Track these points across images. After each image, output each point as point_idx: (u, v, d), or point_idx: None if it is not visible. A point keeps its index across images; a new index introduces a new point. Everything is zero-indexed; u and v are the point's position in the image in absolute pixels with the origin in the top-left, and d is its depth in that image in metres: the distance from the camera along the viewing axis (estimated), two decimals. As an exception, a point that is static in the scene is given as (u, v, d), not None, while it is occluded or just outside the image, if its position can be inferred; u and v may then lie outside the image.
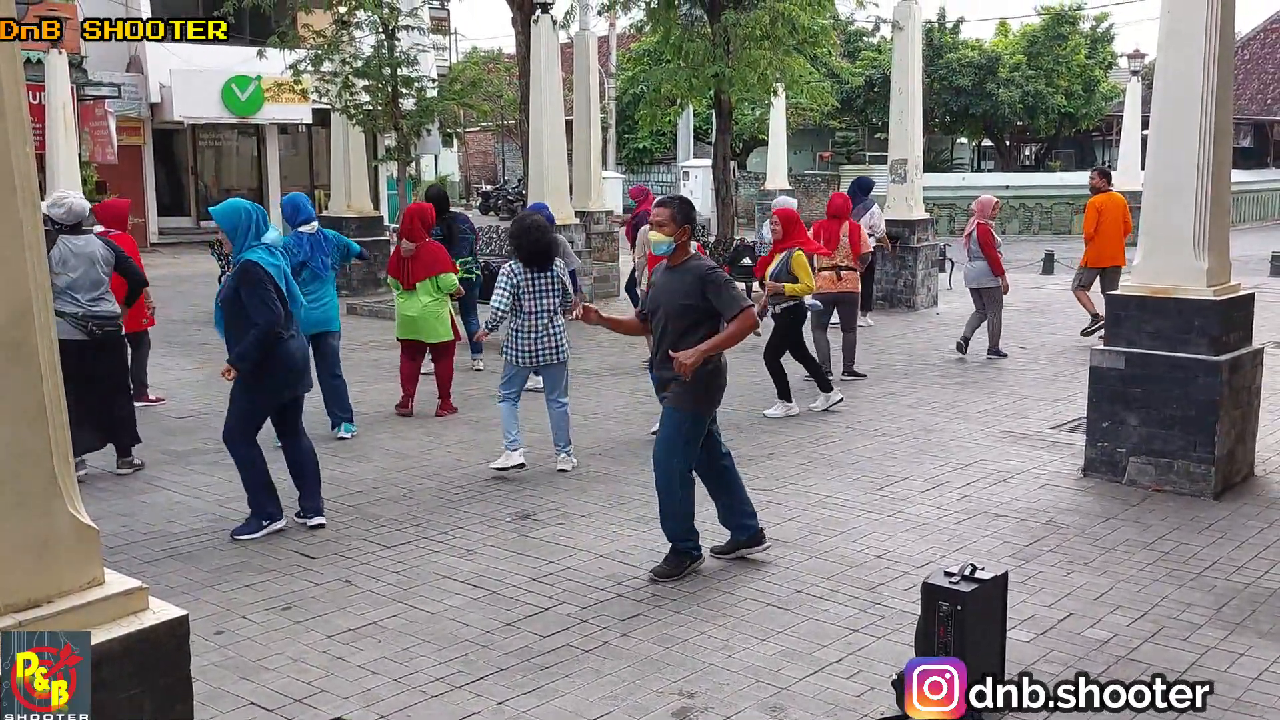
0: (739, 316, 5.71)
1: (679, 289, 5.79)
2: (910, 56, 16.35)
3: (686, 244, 5.88)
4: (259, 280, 6.40)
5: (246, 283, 6.41)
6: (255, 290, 6.38)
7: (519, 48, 17.79)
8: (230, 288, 6.52)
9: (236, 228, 6.54)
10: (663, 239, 5.83)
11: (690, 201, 6.06)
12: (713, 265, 5.91)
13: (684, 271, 5.83)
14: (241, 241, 6.52)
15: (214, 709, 4.46)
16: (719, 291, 5.72)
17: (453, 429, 9.31)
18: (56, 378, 2.64)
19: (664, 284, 5.93)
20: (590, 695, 4.61)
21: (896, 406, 10.07)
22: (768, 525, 6.73)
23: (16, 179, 2.50)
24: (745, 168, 37.65)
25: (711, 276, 5.77)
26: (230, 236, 6.57)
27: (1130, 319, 7.53)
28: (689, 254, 5.89)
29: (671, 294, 5.82)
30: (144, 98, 27.41)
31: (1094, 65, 39.72)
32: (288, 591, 5.77)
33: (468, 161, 51.80)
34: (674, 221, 5.81)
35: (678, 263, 5.88)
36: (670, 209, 5.85)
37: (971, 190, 31.86)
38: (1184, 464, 7.33)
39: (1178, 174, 7.25)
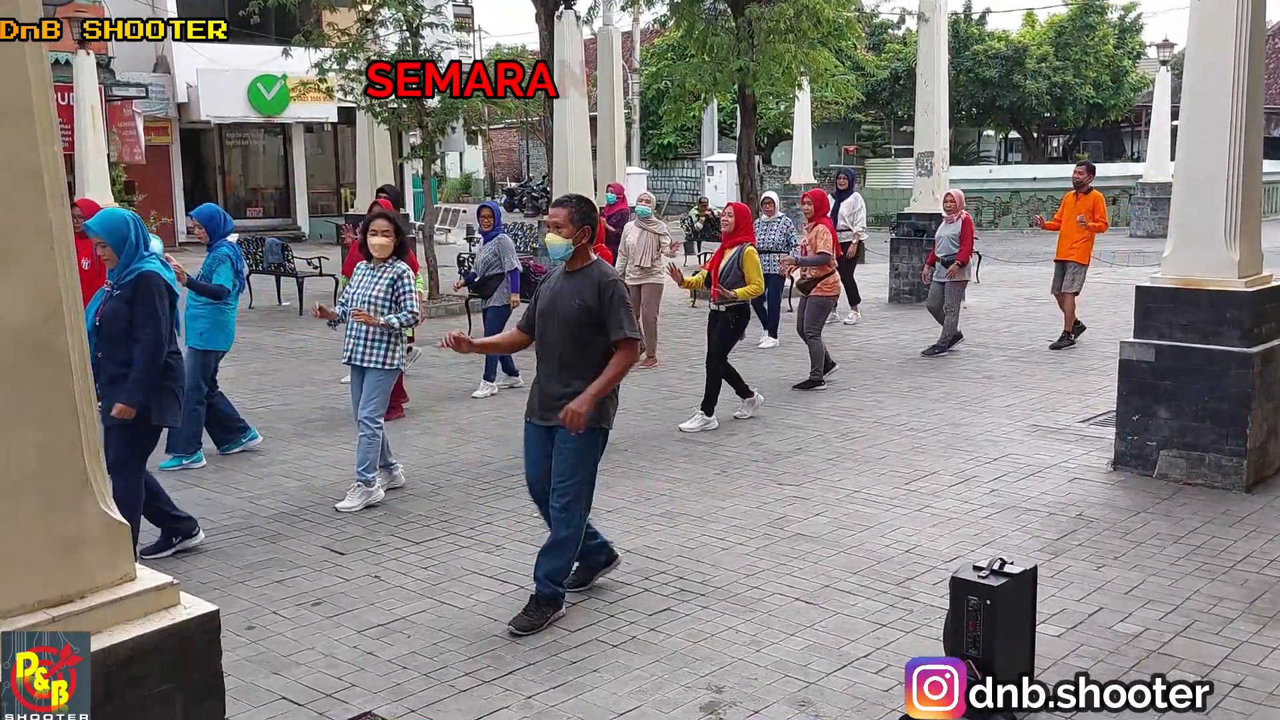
0: (624, 347, 5.23)
1: (574, 293, 5.26)
2: (936, 48, 16.27)
3: (587, 248, 5.35)
4: (160, 293, 5.92)
5: (146, 295, 5.87)
6: (155, 304, 5.87)
7: (543, 44, 17.80)
8: (124, 302, 5.90)
9: (125, 239, 5.95)
10: (560, 241, 5.28)
11: (590, 201, 5.51)
12: (617, 278, 5.41)
13: (583, 276, 5.30)
14: (132, 253, 5.95)
15: (245, 703, 4.49)
16: (614, 308, 5.22)
17: (480, 425, 9.34)
18: (87, 376, 2.66)
19: (558, 290, 5.35)
20: (618, 690, 4.61)
21: (924, 400, 10.02)
22: (795, 521, 6.73)
23: (46, 179, 2.52)
24: (770, 162, 37.56)
25: (613, 287, 5.28)
26: (117, 249, 5.94)
27: (1161, 311, 7.46)
28: (589, 259, 5.37)
29: (567, 299, 5.26)
30: (171, 98, 27.61)
31: (1122, 55, 39.42)
32: (318, 587, 5.80)
33: (492, 159, 51.94)
34: (572, 222, 5.28)
35: (576, 268, 5.34)
36: (568, 209, 5.32)
37: (999, 183, 31.76)
38: (1215, 457, 7.26)
39: (1209, 166, 7.18)
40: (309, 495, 7.41)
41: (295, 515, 6.99)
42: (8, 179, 2.46)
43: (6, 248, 2.46)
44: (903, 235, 16.42)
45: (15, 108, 2.47)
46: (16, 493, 2.50)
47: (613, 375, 5.23)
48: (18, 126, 2.47)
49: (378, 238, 7.16)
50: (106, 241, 5.95)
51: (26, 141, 2.49)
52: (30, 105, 2.48)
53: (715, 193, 29.96)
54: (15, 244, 2.48)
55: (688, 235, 21.44)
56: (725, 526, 6.66)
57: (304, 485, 7.65)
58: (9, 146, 2.46)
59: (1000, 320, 14.55)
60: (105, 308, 5.99)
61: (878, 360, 11.78)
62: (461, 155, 45.60)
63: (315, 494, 7.43)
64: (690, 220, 21.94)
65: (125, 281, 5.93)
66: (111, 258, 6.00)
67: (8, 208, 2.46)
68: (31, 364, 2.52)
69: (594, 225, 5.39)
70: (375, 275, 7.20)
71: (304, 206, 30.45)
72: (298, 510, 7.09)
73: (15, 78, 2.46)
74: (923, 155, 16.49)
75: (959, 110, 37.39)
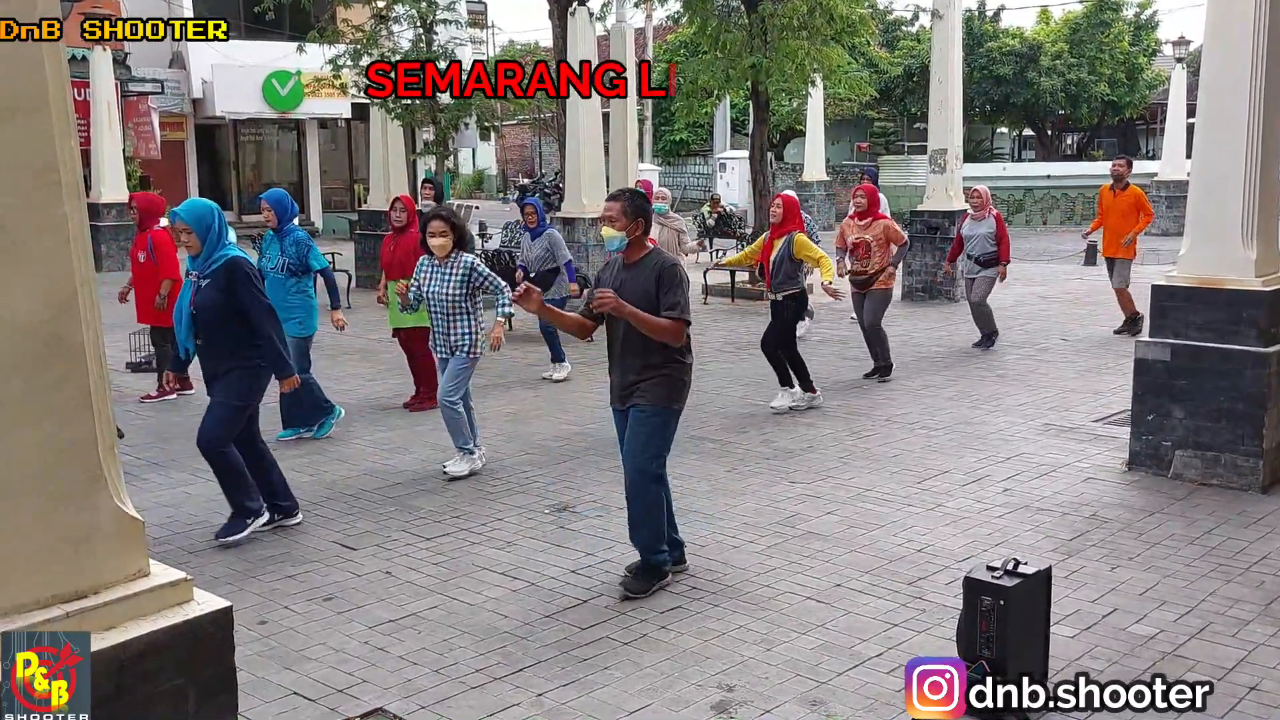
0: (674, 322, 5.41)
1: (639, 287, 5.46)
2: (950, 45, 16.20)
3: (641, 239, 5.56)
4: (253, 276, 6.17)
5: (244, 279, 6.14)
6: (253, 286, 6.14)
7: (556, 41, 17.80)
8: (217, 290, 6.18)
9: (210, 228, 6.21)
10: (615, 234, 5.51)
11: (642, 194, 5.72)
12: (675, 261, 5.61)
13: (641, 267, 5.52)
14: (215, 242, 6.21)
15: (257, 698, 4.50)
16: (672, 288, 5.42)
17: (493, 422, 9.34)
18: (102, 370, 2.66)
19: (621, 283, 5.53)
20: (629, 687, 4.61)
21: (937, 399, 9.99)
22: (807, 519, 6.71)
23: (62, 173, 2.52)
24: (783, 159, 37.50)
25: (671, 270, 5.48)
26: (202, 237, 6.20)
27: (1177, 310, 7.42)
28: (646, 249, 5.59)
29: (632, 293, 5.43)
30: (186, 93, 27.71)
31: (1137, 53, 39.17)
32: (329, 582, 5.81)
33: (505, 155, 51.96)
34: (625, 215, 5.47)
35: (634, 259, 5.56)
36: (621, 202, 5.51)
37: (1013, 180, 31.64)
38: (1231, 457, 7.22)
39: (1225, 164, 7.13)
40: (321, 490, 7.42)
41: (307, 510, 6.99)
42: (24, 173, 2.47)
43: (20, 242, 2.46)
44: (916, 233, 16.37)
45: (32, 102, 2.47)
46: (29, 487, 2.50)
47: (654, 323, 5.39)
48: (34, 121, 2.47)
49: (436, 239, 7.55)
50: (192, 229, 6.22)
51: (43, 136, 2.49)
52: (47, 100, 2.49)
53: (727, 189, 29.90)
54: (31, 238, 2.48)
55: (700, 232, 21.43)
56: (736, 524, 6.65)
57: (316, 480, 7.66)
58: (26, 141, 2.46)
59: (1014, 318, 14.49)
60: (198, 298, 6.27)
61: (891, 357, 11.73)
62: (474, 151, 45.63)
63: (327, 489, 7.44)
64: (703, 217, 21.92)
65: (213, 270, 6.20)
66: (195, 245, 6.26)
67: (23, 202, 2.47)
68: (44, 357, 2.52)
69: (647, 217, 5.61)
70: (445, 271, 7.59)
71: (317, 202, 30.52)
72: (310, 505, 7.09)
73: (32, 72, 2.46)
74: (936, 152, 16.43)
75: (973, 107, 37.22)
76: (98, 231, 19.19)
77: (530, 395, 10.21)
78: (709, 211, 21.65)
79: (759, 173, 17.56)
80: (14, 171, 2.45)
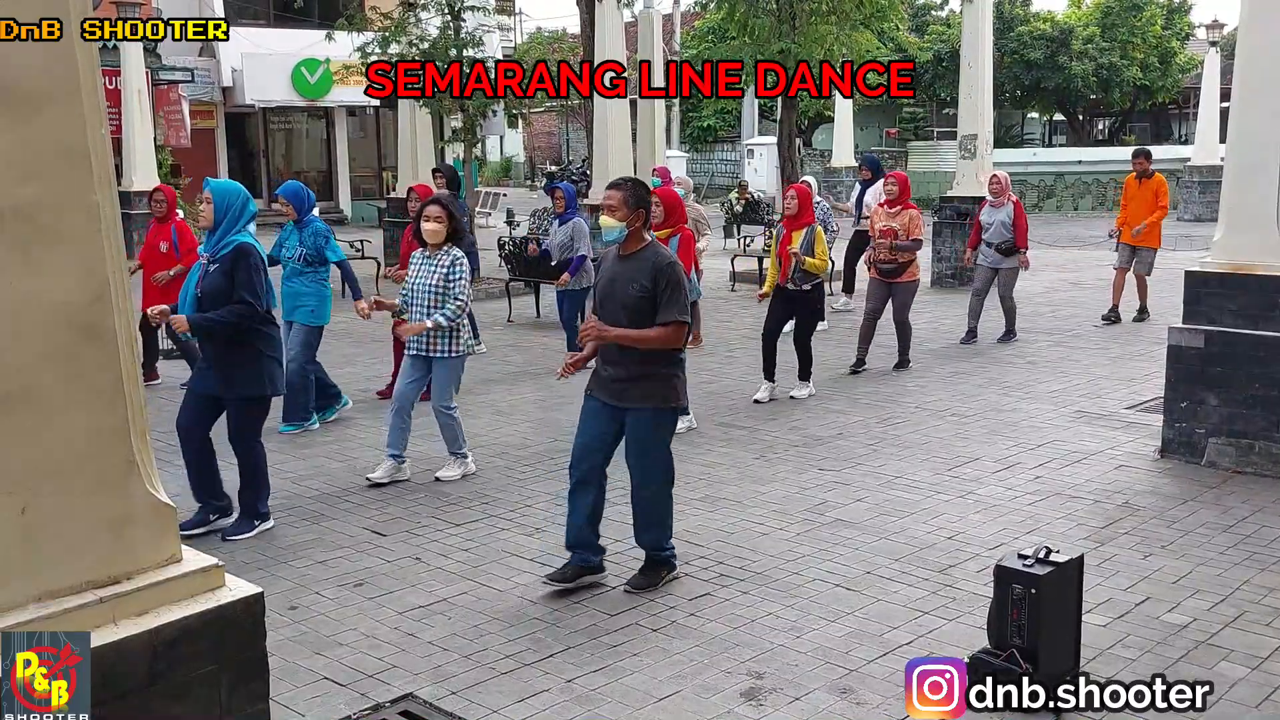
0: (671, 326, 5.26)
1: (632, 277, 5.30)
2: (980, 30, 16.06)
3: (640, 230, 5.39)
4: (259, 265, 6.12)
5: (246, 264, 6.06)
6: (253, 273, 6.06)
7: (583, 27, 17.78)
8: (223, 275, 6.07)
9: (229, 208, 6.13)
10: (614, 224, 5.33)
11: (644, 184, 5.57)
12: (673, 259, 5.44)
13: (638, 259, 5.35)
14: (231, 224, 6.13)
15: (288, 684, 4.53)
16: (669, 290, 5.25)
17: (521, 409, 9.36)
18: (134, 358, 2.68)
19: (616, 274, 5.40)
20: (659, 674, 4.61)
21: (967, 386, 9.93)
22: (836, 506, 6.69)
23: (93, 161, 2.53)
24: (811, 145, 37.31)
25: (669, 270, 5.29)
26: (218, 213, 6.11)
27: (1211, 296, 7.34)
28: (645, 241, 5.40)
29: (625, 284, 5.31)
30: (216, 82, 27.82)
31: (1170, 36, 38.71)
32: (359, 568, 5.84)
33: (532, 142, 51.95)
34: (625, 205, 5.30)
35: (631, 250, 5.38)
36: (623, 191, 5.34)
37: (1044, 166, 31.37)
38: (1265, 445, 7.14)
39: (1259, 150, 7.04)
40: (352, 477, 7.46)
41: (338, 496, 7.04)
42: (56, 161, 2.47)
43: (55, 229, 2.47)
44: (945, 219, 16.26)
45: (63, 90, 2.47)
46: (66, 473, 2.52)
47: (642, 335, 5.29)
48: (65, 109, 2.48)
49: (430, 223, 7.20)
50: (213, 200, 6.12)
51: (74, 124, 2.49)
52: (78, 88, 2.49)
53: (755, 176, 29.83)
54: (63, 226, 2.49)
55: (727, 219, 21.35)
56: (765, 511, 6.64)
57: (347, 466, 7.70)
58: (57, 129, 2.47)
59: (1044, 305, 14.39)
60: (205, 282, 6.17)
61: (920, 345, 11.65)
62: (502, 139, 45.69)
63: (358, 475, 7.47)
64: (730, 203, 21.84)
65: (222, 254, 6.13)
66: (208, 217, 6.15)
67: (56, 189, 2.48)
68: (81, 345, 2.53)
69: (648, 208, 5.45)
70: (432, 263, 7.25)
71: (346, 190, 30.62)
72: (340, 491, 7.14)
73: (63, 60, 2.47)
74: (966, 138, 16.30)
75: (1003, 92, 36.88)
76: (128, 220, 19.33)
77: (557, 382, 10.21)
78: (736, 198, 21.56)
79: (787, 159, 17.50)
80: (46, 160, 2.46)
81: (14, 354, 2.43)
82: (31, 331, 2.46)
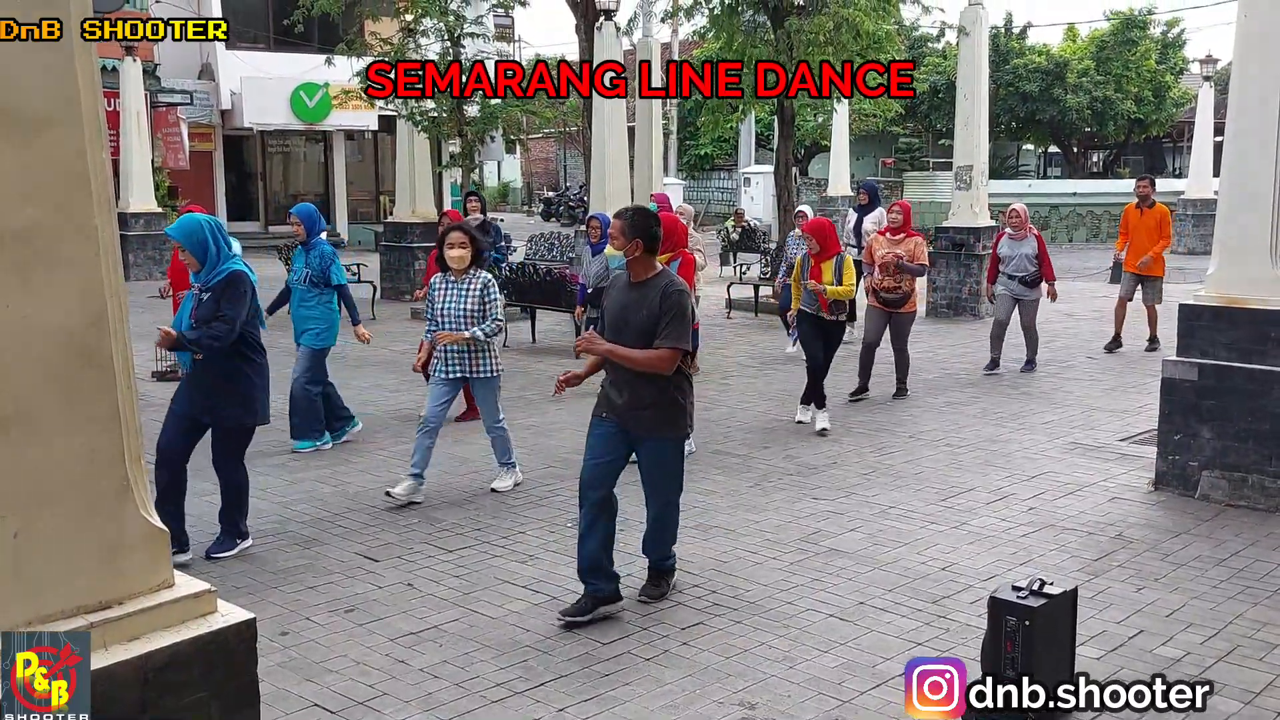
0: (667, 351, 5.33)
1: (643, 305, 5.39)
2: (976, 62, 16.19)
3: (644, 258, 5.45)
4: (246, 292, 6.11)
5: (235, 291, 6.04)
6: (239, 301, 6.03)
7: (582, 54, 17.85)
8: (215, 303, 6.07)
9: (204, 243, 6.07)
10: (614, 253, 5.68)
11: (647, 213, 5.61)
12: (682, 287, 5.50)
13: (648, 287, 5.43)
14: (216, 257, 6.10)
15: (278, 710, 4.50)
16: (669, 316, 5.33)
17: (517, 435, 9.31)
18: (130, 381, 2.67)
19: (626, 302, 5.49)
20: (651, 704, 4.59)
21: (961, 416, 9.94)
22: (830, 535, 6.68)
23: (93, 184, 2.54)
24: (807, 174, 37.47)
25: (674, 297, 5.37)
26: (198, 254, 6.07)
27: (1204, 329, 7.36)
28: (654, 269, 5.50)
29: (636, 310, 5.40)
30: (215, 104, 27.92)
31: (1164, 70, 38.96)
32: (351, 594, 5.82)
33: (530, 168, 52.13)
34: (623, 234, 5.43)
35: (641, 278, 5.47)
36: (622, 221, 5.49)
37: (1038, 198, 31.48)
38: (1259, 478, 7.15)
39: (1254, 183, 7.08)
40: (344, 501, 7.44)
41: (330, 521, 7.01)
42: (56, 183, 2.48)
43: (54, 253, 2.47)
44: (941, 249, 16.31)
45: (64, 113, 2.48)
46: (60, 497, 2.51)
47: (633, 355, 5.36)
48: (67, 132, 2.48)
49: (455, 250, 7.45)
50: (185, 246, 6.11)
51: (74, 146, 2.50)
52: (79, 111, 2.50)
53: (752, 204, 29.88)
54: (63, 249, 2.49)
55: (723, 246, 21.39)
56: (759, 540, 6.63)
57: (339, 491, 7.68)
58: (58, 152, 2.47)
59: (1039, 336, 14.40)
60: (199, 311, 6.16)
61: (914, 375, 11.65)
62: (500, 164, 45.85)
63: (350, 500, 7.45)
64: (726, 231, 21.90)
65: (214, 283, 6.11)
66: (193, 263, 6.15)
67: (55, 212, 2.48)
68: (78, 368, 2.53)
69: (648, 237, 5.46)
70: (461, 288, 7.47)
71: (344, 213, 30.68)
72: (332, 516, 7.12)
73: (65, 83, 2.48)
74: (962, 169, 16.40)
75: (998, 124, 37.07)
76: (126, 241, 19.37)
77: (553, 408, 10.21)
78: (733, 226, 21.62)
79: (783, 188, 17.55)
80: (47, 184, 2.46)
81: (10, 377, 2.43)
82: (29, 354, 2.45)
